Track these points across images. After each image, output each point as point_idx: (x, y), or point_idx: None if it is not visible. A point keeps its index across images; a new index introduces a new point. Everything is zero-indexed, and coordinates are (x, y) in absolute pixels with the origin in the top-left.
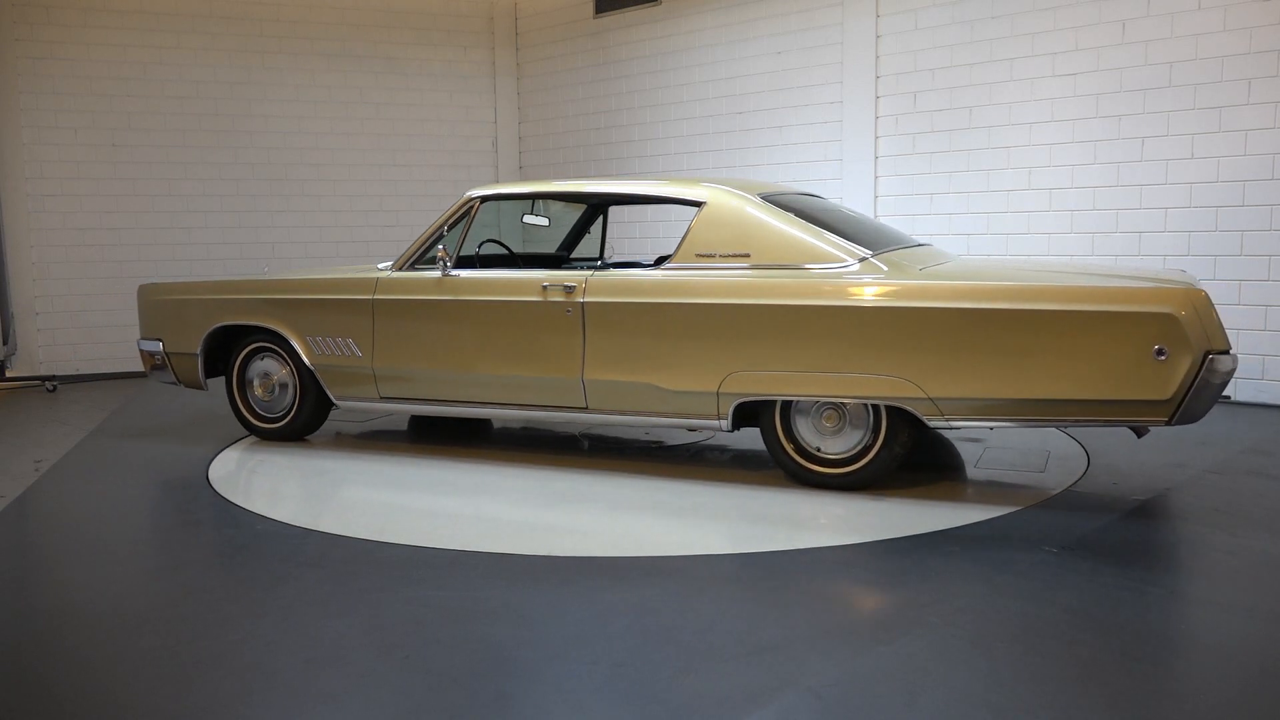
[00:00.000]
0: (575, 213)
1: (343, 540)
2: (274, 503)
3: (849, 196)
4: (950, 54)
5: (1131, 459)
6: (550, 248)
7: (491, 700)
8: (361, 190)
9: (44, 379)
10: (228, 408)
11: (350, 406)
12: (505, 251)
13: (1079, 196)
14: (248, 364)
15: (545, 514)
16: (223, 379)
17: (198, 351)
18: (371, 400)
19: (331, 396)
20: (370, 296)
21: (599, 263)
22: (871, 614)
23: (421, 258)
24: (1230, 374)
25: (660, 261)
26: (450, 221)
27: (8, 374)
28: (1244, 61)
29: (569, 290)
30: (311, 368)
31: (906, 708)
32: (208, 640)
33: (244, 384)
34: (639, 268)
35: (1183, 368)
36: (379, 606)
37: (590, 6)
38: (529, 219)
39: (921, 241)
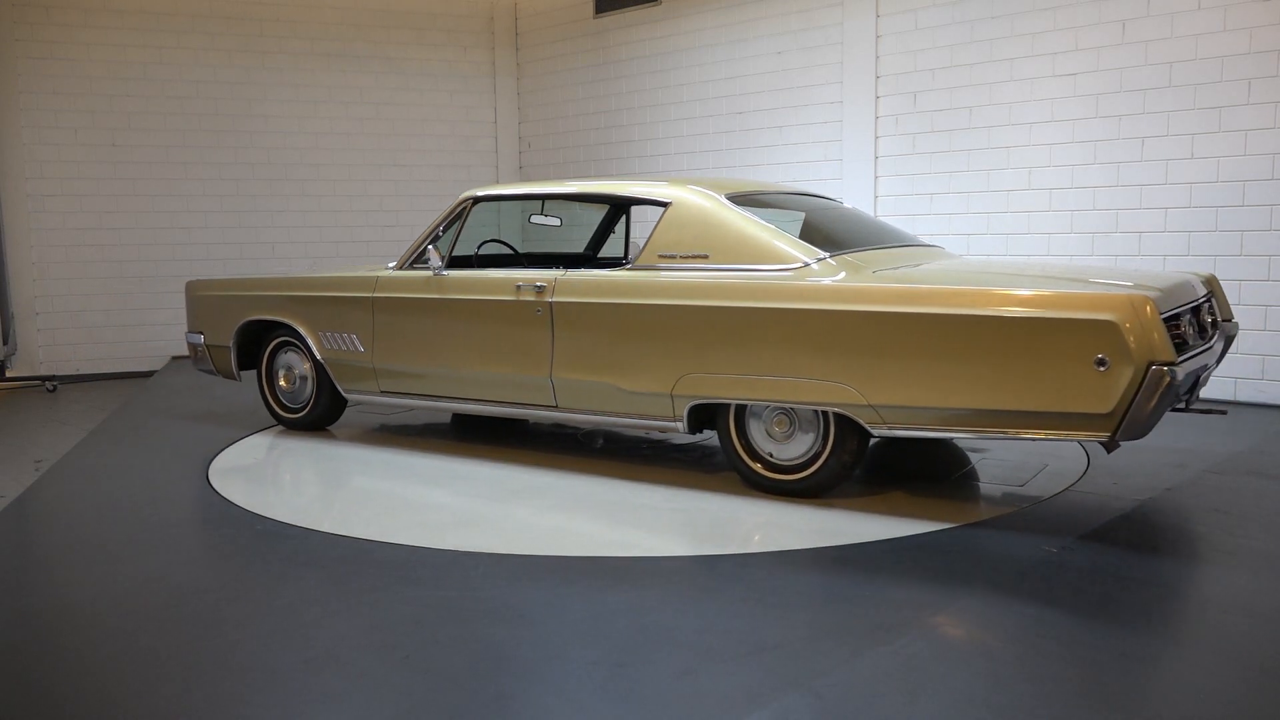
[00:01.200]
0: (599, 213)
1: (343, 540)
2: (274, 502)
3: (849, 196)
4: (950, 54)
5: (1131, 459)
6: (578, 247)
7: (491, 700)
8: (361, 190)
9: (44, 379)
10: (228, 407)
11: (357, 399)
12: (510, 251)
13: (1079, 196)
14: (275, 357)
15: (546, 513)
16: (258, 372)
17: (230, 344)
18: (374, 394)
19: (340, 389)
20: (370, 294)
21: (626, 262)
22: (871, 614)
23: (419, 257)
24: (1178, 387)
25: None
26: (446, 222)
27: (8, 374)
28: (1244, 61)
29: (539, 290)
30: (321, 361)
31: (906, 708)
32: (208, 640)
33: (272, 376)
34: (608, 268)
35: (1124, 379)
36: (379, 606)
37: (590, 6)
38: (538, 219)
39: (921, 242)
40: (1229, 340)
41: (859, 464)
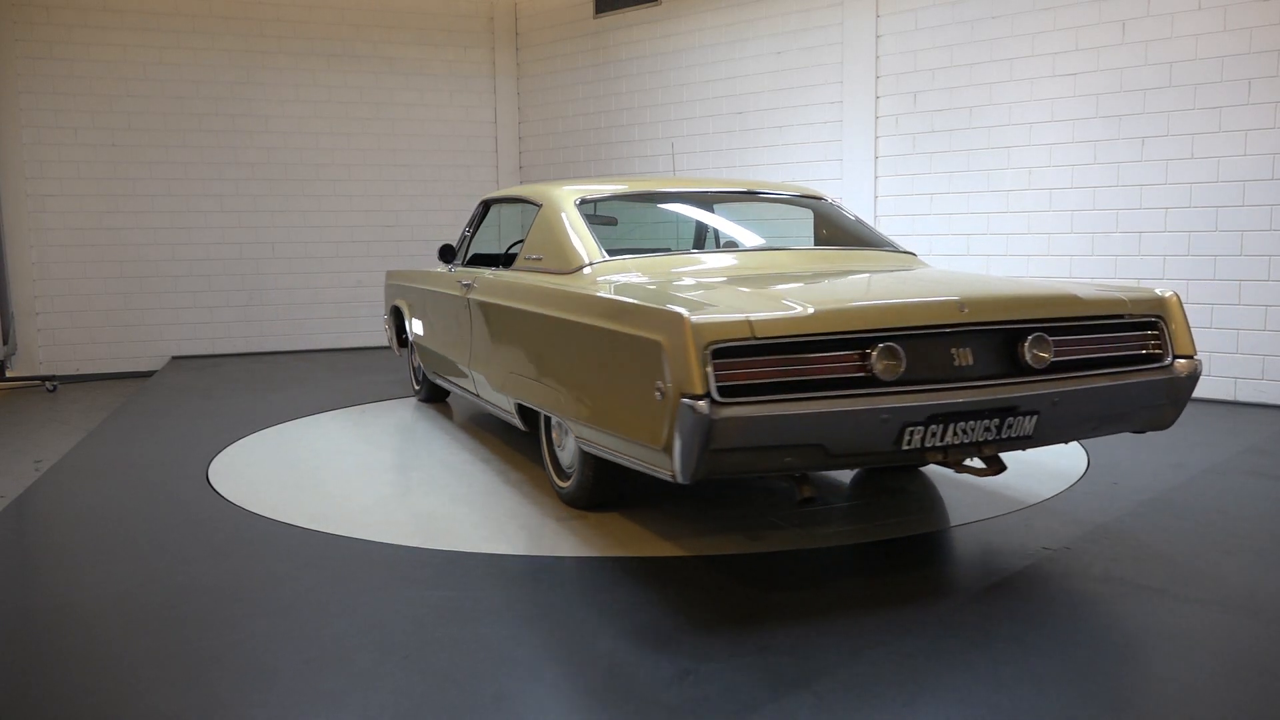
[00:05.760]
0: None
1: (343, 540)
2: (274, 502)
3: (849, 196)
4: (950, 54)
5: (1132, 459)
6: (623, 244)
7: (491, 700)
8: (361, 190)
9: (44, 379)
10: (227, 408)
11: (432, 378)
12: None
13: (1079, 196)
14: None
15: (547, 514)
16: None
17: (391, 324)
18: (429, 373)
19: (422, 367)
20: (422, 287)
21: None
22: (871, 614)
23: (458, 254)
24: (705, 426)
25: None
26: (470, 222)
27: (8, 374)
28: (1244, 61)
29: (467, 288)
30: (412, 343)
31: (906, 708)
32: (208, 640)
33: (412, 354)
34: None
35: (667, 411)
36: (379, 606)
37: (590, 6)
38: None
39: (882, 247)
40: (1181, 380)
41: (610, 481)
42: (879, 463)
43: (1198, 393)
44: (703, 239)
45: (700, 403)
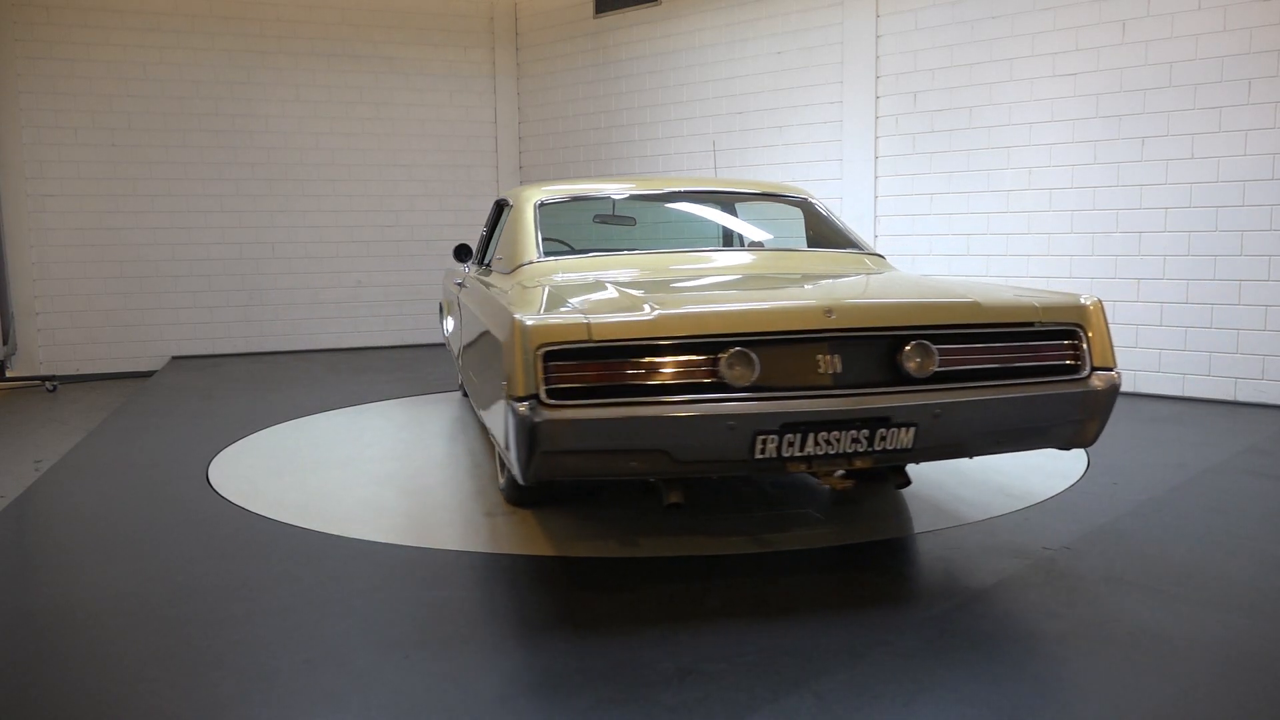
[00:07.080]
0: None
1: (342, 540)
2: (273, 502)
3: (849, 196)
4: (950, 54)
5: (1131, 459)
6: (648, 244)
7: (491, 700)
8: (361, 190)
9: (44, 379)
10: (227, 408)
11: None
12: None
13: (1079, 196)
14: None
15: (549, 514)
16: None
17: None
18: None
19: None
20: (448, 285)
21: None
22: (871, 614)
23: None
24: (529, 428)
25: None
26: (486, 223)
27: (8, 374)
28: (1244, 61)
29: (460, 287)
30: (447, 339)
31: (906, 707)
32: (208, 640)
33: None
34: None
35: (505, 412)
36: (379, 606)
37: (590, 6)
38: (603, 217)
39: (848, 248)
40: (1098, 394)
41: (540, 483)
42: (735, 471)
43: (1198, 393)
44: (686, 239)
45: (523, 404)
